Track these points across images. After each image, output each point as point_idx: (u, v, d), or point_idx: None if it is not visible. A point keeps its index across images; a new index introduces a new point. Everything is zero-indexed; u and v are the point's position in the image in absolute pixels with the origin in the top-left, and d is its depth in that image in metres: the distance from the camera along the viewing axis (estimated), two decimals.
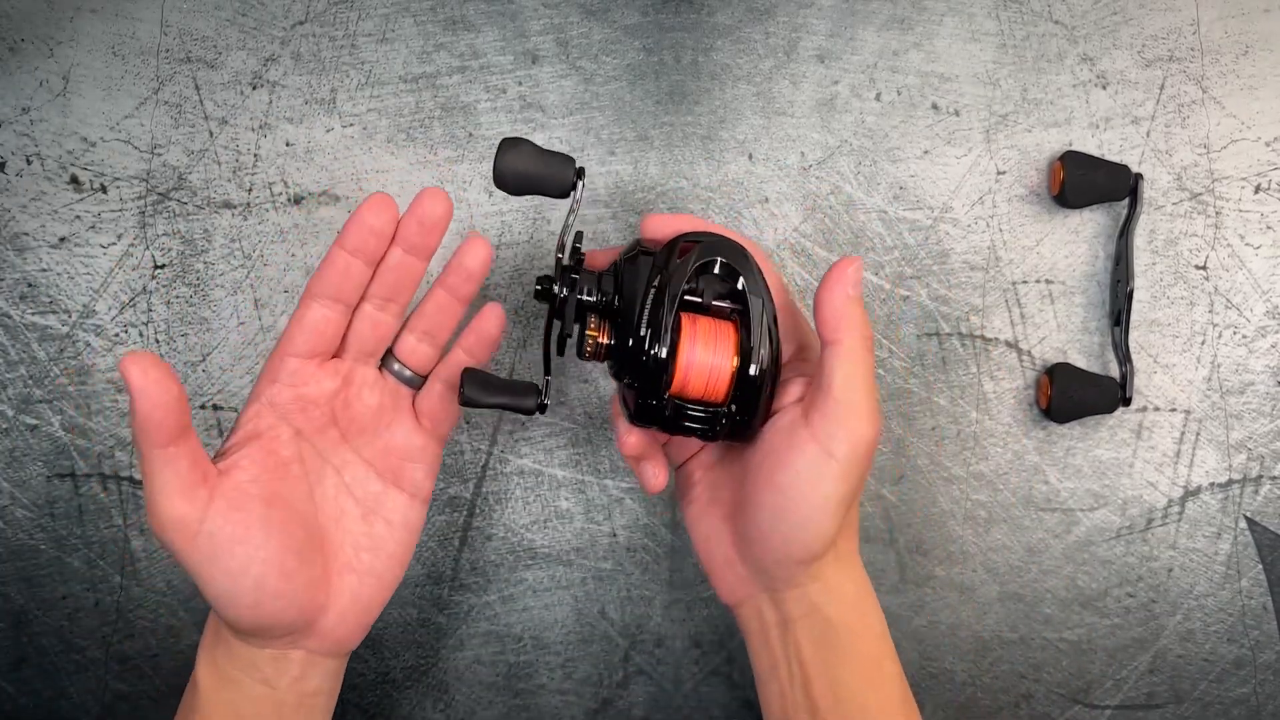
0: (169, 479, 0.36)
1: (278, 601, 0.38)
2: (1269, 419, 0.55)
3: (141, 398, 0.34)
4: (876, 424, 0.38)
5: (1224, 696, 0.56)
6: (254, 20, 0.55)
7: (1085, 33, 0.55)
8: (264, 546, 0.38)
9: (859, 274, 0.39)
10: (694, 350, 0.39)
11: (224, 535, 0.37)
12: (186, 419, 0.36)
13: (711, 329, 0.40)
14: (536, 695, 0.56)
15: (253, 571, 0.37)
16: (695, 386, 0.39)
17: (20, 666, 0.56)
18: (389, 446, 0.43)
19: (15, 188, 0.54)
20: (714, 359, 0.39)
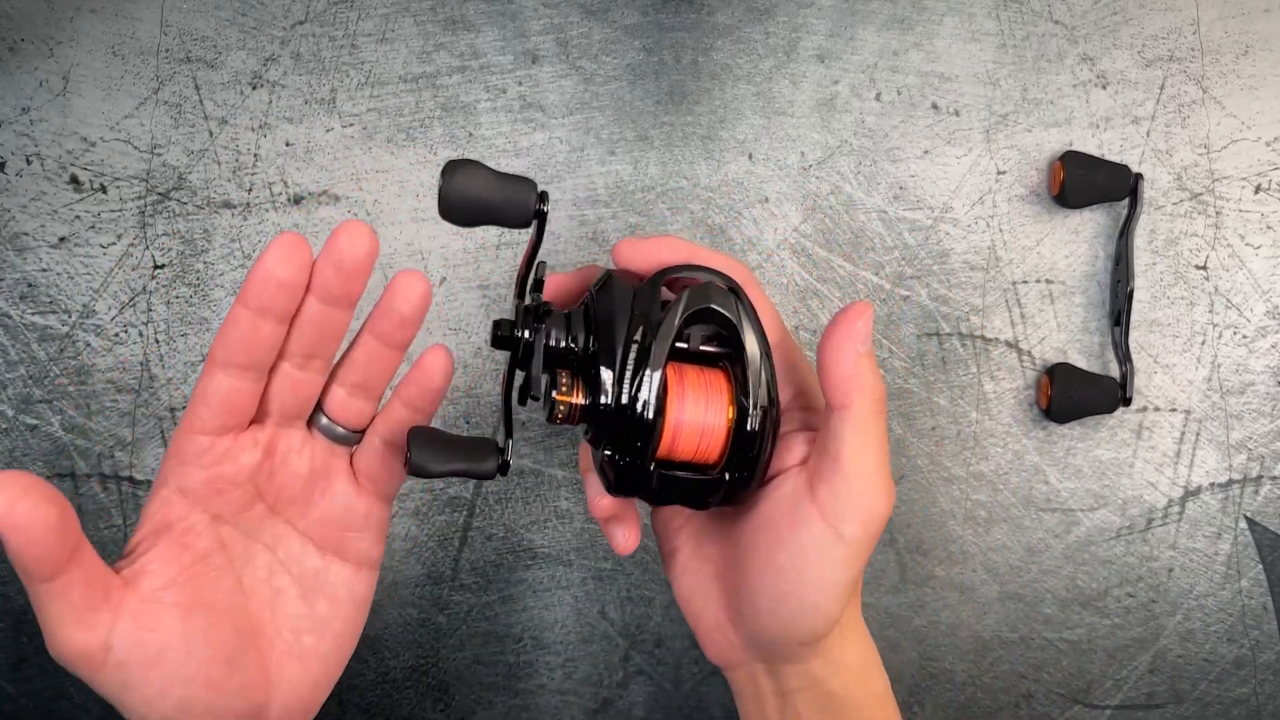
0: (62, 611, 0.31)
1: (209, 718, 0.34)
2: (1269, 419, 0.55)
3: (12, 534, 0.29)
4: (890, 498, 0.34)
5: (1224, 696, 0.56)
6: (254, 20, 0.55)
7: (1085, 33, 0.55)
8: (185, 665, 0.33)
9: (869, 326, 0.35)
10: (684, 408, 0.34)
11: (136, 661, 0.32)
12: (72, 539, 0.30)
13: (701, 381, 0.35)
14: (536, 695, 0.56)
15: (175, 694, 0.33)
16: (685, 448, 0.35)
17: (20, 666, 0.56)
18: (326, 516, 0.37)
19: (15, 188, 0.54)
20: (706, 417, 0.34)
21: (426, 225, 0.55)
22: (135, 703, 0.33)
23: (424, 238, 0.55)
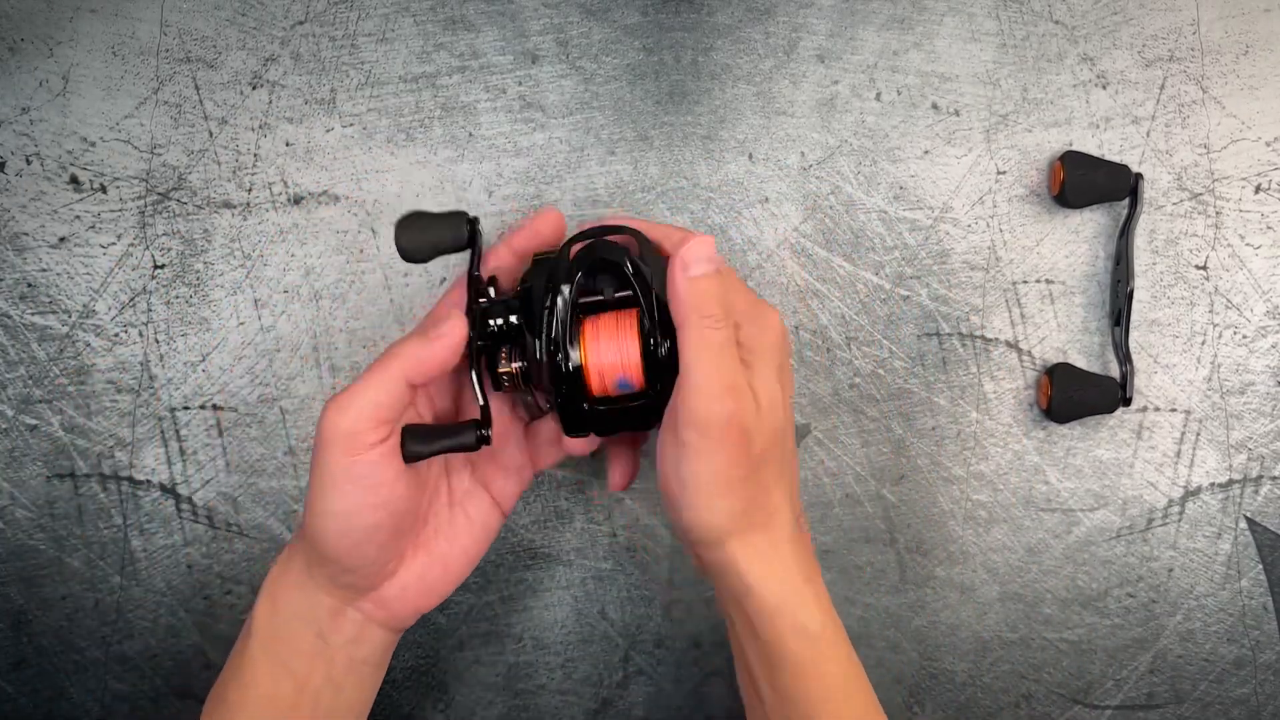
0: (392, 397, 0.38)
1: (374, 551, 0.40)
2: (1269, 419, 0.55)
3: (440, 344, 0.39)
4: (728, 403, 0.37)
5: (1224, 697, 0.56)
6: (254, 20, 0.55)
7: (1085, 33, 0.54)
8: (398, 499, 0.39)
9: (700, 251, 0.39)
10: (600, 351, 0.40)
11: (384, 470, 0.38)
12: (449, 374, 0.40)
13: (613, 324, 0.41)
14: (536, 695, 0.56)
15: (379, 515, 0.39)
16: (614, 384, 0.41)
17: (20, 667, 0.56)
18: (490, 451, 0.44)
19: (15, 188, 0.54)
20: (621, 354, 0.40)
21: None
22: (353, 494, 0.38)
23: None
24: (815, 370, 0.55)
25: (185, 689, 0.56)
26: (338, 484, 0.38)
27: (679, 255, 0.39)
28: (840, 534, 0.56)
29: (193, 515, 0.55)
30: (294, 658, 0.41)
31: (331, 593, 0.41)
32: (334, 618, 0.41)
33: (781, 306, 0.55)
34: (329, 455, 0.37)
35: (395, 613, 0.42)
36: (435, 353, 0.39)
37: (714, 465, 0.38)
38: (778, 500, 0.41)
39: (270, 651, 0.41)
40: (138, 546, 0.55)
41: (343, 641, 0.41)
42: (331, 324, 0.55)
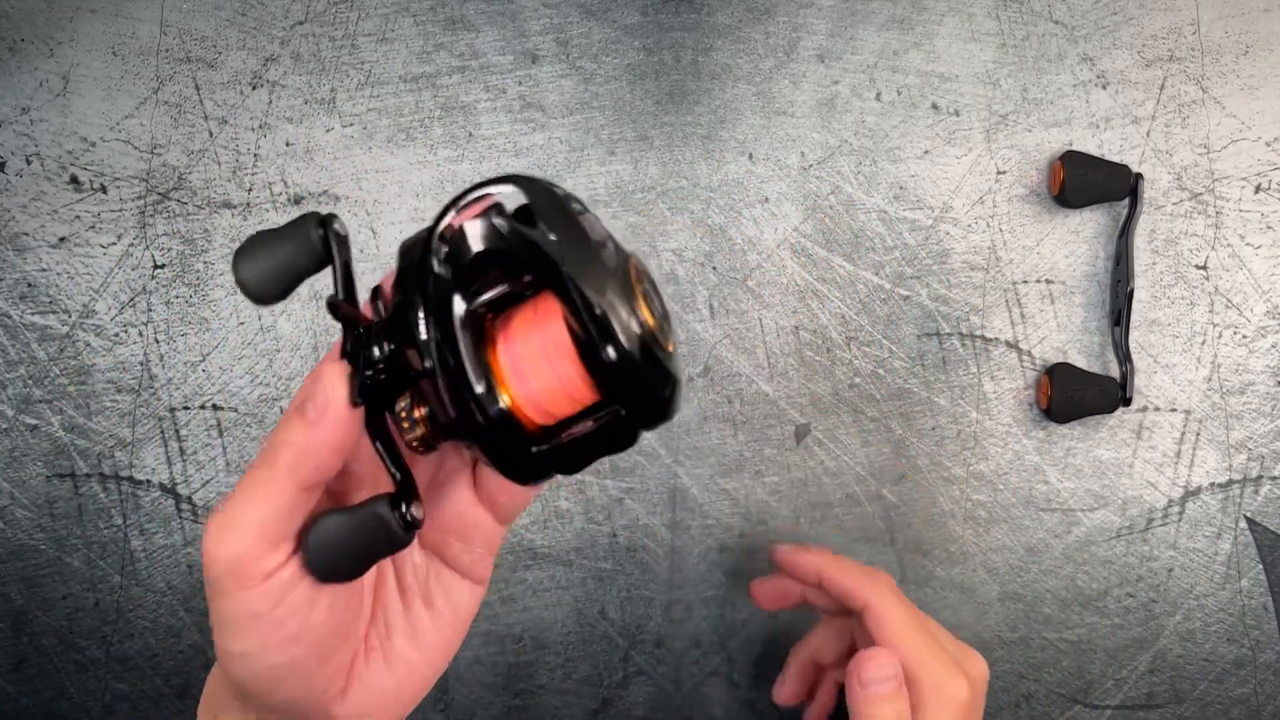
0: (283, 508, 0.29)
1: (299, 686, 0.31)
2: (1269, 419, 0.55)
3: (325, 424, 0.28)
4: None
5: (1224, 697, 0.56)
6: (254, 20, 0.55)
7: (1085, 32, 0.54)
8: (316, 626, 0.30)
9: (884, 671, 0.42)
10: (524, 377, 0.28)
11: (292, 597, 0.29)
12: None
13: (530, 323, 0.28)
14: (536, 695, 0.56)
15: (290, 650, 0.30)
16: (561, 408, 0.28)
17: (20, 666, 0.56)
18: (439, 513, 0.34)
19: (15, 188, 0.54)
20: (554, 367, 0.27)
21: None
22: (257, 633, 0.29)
23: None
24: (815, 370, 0.55)
25: (185, 689, 0.56)
26: (234, 624, 0.29)
27: (857, 668, 0.41)
28: (840, 534, 0.56)
29: (193, 515, 0.55)
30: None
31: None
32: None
33: (781, 307, 0.55)
34: (218, 592, 0.29)
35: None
36: (326, 436, 0.28)
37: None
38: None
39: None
40: (138, 546, 0.55)
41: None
42: (331, 324, 0.55)
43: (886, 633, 0.44)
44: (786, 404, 0.55)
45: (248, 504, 0.29)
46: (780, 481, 0.56)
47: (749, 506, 0.56)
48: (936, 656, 0.43)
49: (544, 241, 0.27)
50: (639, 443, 0.32)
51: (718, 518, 0.56)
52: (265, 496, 0.29)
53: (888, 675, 0.42)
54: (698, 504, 0.56)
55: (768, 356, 0.55)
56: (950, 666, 0.43)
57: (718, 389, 0.55)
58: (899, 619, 0.44)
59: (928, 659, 0.43)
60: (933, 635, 0.44)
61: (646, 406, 0.28)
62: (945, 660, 0.43)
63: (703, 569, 0.56)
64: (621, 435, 0.28)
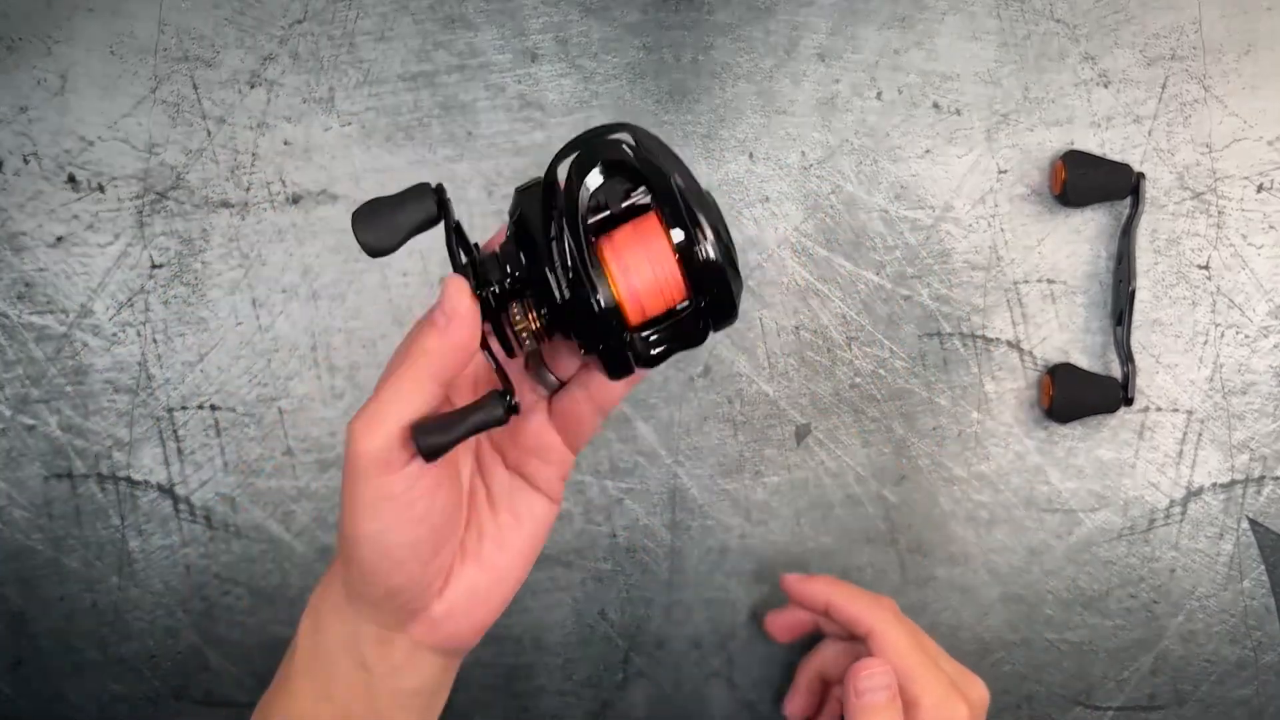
0: (426, 405, 0.34)
1: (416, 569, 0.36)
2: (1271, 419, 0.54)
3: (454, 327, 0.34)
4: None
5: (1226, 698, 0.55)
6: (252, 19, 0.54)
7: (1087, 31, 0.54)
8: (437, 512, 0.36)
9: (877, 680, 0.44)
10: (628, 272, 0.34)
11: (420, 481, 0.34)
12: None
13: (633, 236, 0.34)
14: (536, 696, 0.56)
15: (419, 530, 0.35)
16: (654, 304, 0.34)
17: (18, 667, 0.56)
18: (517, 434, 0.40)
19: (13, 187, 0.54)
20: (655, 268, 0.34)
21: None
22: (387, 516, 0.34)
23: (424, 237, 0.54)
24: (816, 370, 0.55)
25: (183, 690, 0.56)
26: (372, 506, 0.34)
27: (852, 678, 0.43)
28: (841, 534, 0.55)
29: (190, 516, 0.55)
30: (334, 685, 0.38)
31: (375, 619, 0.37)
32: (379, 646, 0.38)
33: (782, 306, 0.55)
34: (361, 478, 0.34)
35: (449, 633, 0.38)
36: (457, 337, 0.34)
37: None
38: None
39: (311, 675, 0.38)
40: (135, 547, 0.55)
41: (388, 670, 0.38)
42: (330, 324, 0.55)
43: (889, 656, 0.45)
44: (787, 404, 0.55)
45: (392, 402, 0.34)
46: (780, 482, 0.55)
47: (749, 506, 0.56)
48: (937, 679, 0.45)
49: (663, 161, 0.34)
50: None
51: (718, 518, 0.56)
52: (409, 393, 0.34)
53: (881, 685, 0.43)
54: (698, 504, 0.56)
55: (768, 356, 0.55)
56: (950, 690, 0.45)
57: (718, 389, 0.55)
58: (901, 643, 0.46)
59: (929, 682, 0.44)
60: (934, 659, 0.46)
61: (726, 301, 0.34)
62: (945, 683, 0.45)
63: (703, 569, 0.56)
64: (695, 332, 0.35)
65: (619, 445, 0.55)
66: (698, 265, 0.33)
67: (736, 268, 0.35)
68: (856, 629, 0.47)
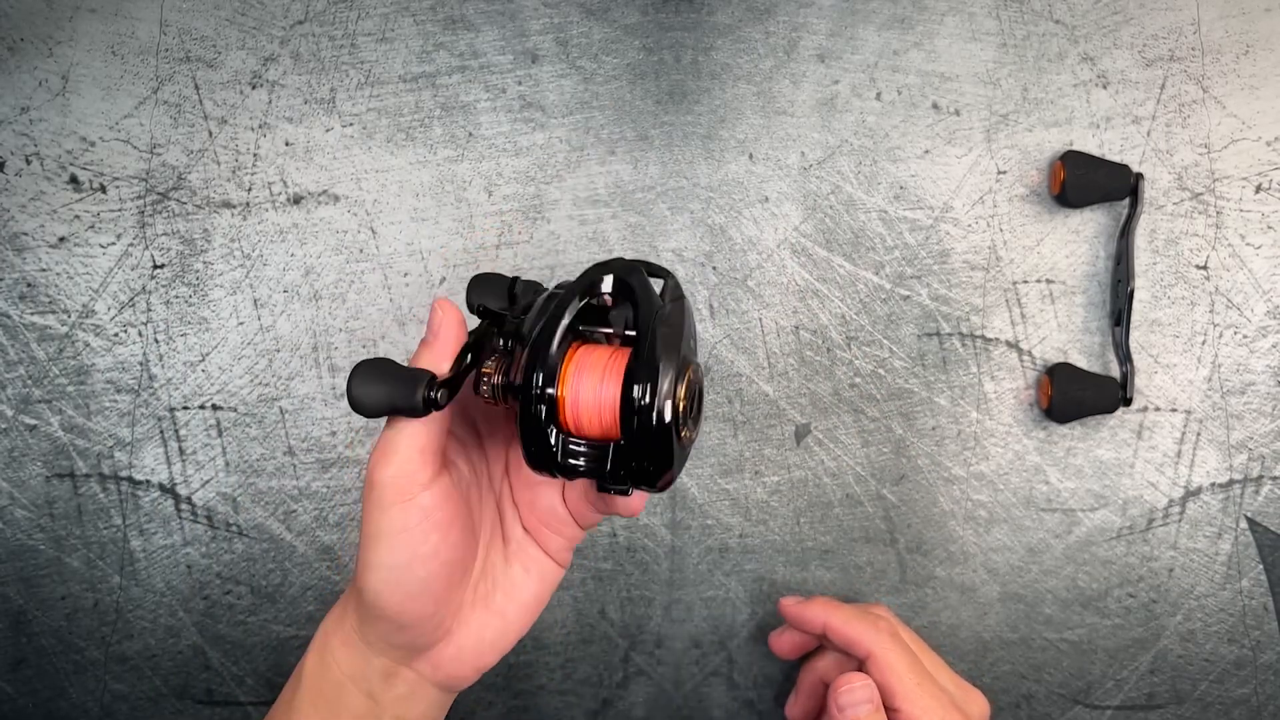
0: (426, 433, 0.36)
1: (429, 605, 0.38)
2: (1270, 419, 0.55)
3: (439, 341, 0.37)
4: None
5: (1225, 697, 0.56)
6: (253, 20, 0.55)
7: (1086, 32, 0.54)
8: (450, 548, 0.37)
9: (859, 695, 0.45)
10: (579, 382, 0.35)
11: (435, 515, 0.37)
12: None
13: (603, 358, 0.36)
14: (536, 696, 0.56)
15: (432, 564, 0.37)
16: (590, 425, 0.35)
17: (19, 667, 0.56)
18: (534, 502, 0.43)
19: (14, 187, 0.54)
20: (600, 390, 0.35)
21: (426, 225, 0.55)
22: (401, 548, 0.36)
23: (424, 237, 0.55)
24: (815, 370, 0.55)
25: (184, 689, 0.56)
26: (389, 536, 0.36)
27: (834, 694, 0.44)
28: (840, 534, 0.56)
29: (192, 515, 0.55)
30: (341, 715, 0.40)
31: (385, 653, 0.39)
32: (386, 678, 0.40)
33: (781, 306, 0.55)
34: (379, 510, 0.36)
35: (452, 673, 0.41)
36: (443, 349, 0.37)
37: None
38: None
39: (317, 704, 0.40)
40: (137, 546, 0.55)
41: (393, 699, 0.40)
42: (331, 324, 0.55)
43: (889, 680, 0.46)
44: (786, 404, 0.55)
45: (402, 429, 0.36)
46: (780, 481, 0.56)
47: (749, 506, 0.56)
48: (937, 699, 0.45)
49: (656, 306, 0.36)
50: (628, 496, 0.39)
51: (718, 518, 0.56)
52: (415, 422, 0.36)
53: (863, 699, 0.45)
54: (698, 504, 0.56)
55: (768, 356, 0.55)
56: (950, 709, 0.45)
57: (718, 389, 0.55)
58: (900, 666, 0.46)
59: (929, 703, 0.45)
60: (933, 678, 0.47)
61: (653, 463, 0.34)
62: (945, 703, 0.46)
63: (703, 569, 0.56)
64: (612, 472, 0.36)
65: None
66: (632, 419, 0.34)
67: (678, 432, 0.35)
68: (855, 651, 0.48)
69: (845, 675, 0.45)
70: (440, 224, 0.55)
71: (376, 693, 0.40)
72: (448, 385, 0.35)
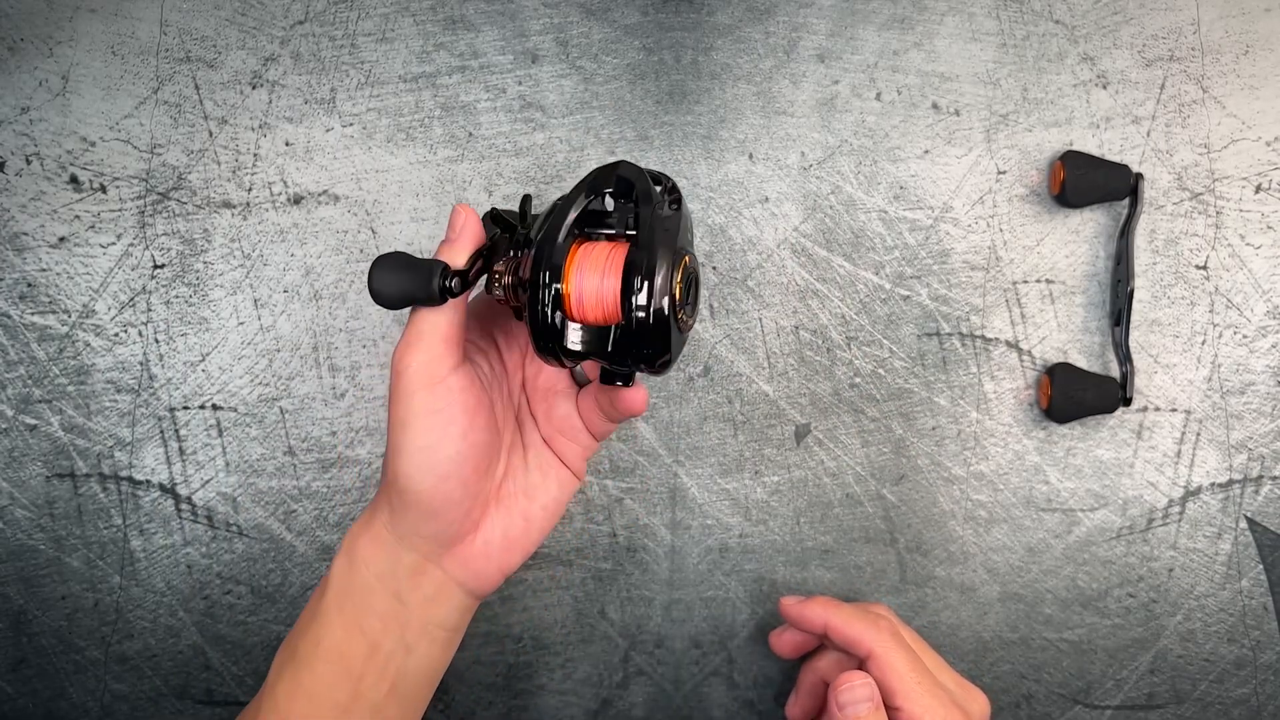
0: (447, 322, 0.38)
1: (458, 489, 0.39)
2: (1269, 419, 0.55)
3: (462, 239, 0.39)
4: None
5: (1224, 697, 0.56)
6: (254, 20, 0.55)
7: (1086, 32, 0.54)
8: (477, 431, 0.39)
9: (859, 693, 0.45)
10: (582, 275, 0.38)
11: (461, 397, 0.39)
12: None
13: (604, 252, 0.38)
14: (536, 695, 0.56)
15: (461, 445, 0.39)
16: (592, 312, 0.38)
17: (19, 667, 0.56)
18: (550, 412, 0.45)
19: (15, 187, 0.54)
20: (602, 282, 0.37)
21: (426, 225, 0.55)
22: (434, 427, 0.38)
23: (424, 238, 0.55)
24: (815, 370, 0.55)
25: (184, 689, 0.56)
26: (419, 418, 0.38)
27: (835, 693, 0.45)
28: (840, 534, 0.56)
29: (192, 515, 0.55)
30: (368, 617, 0.41)
31: (415, 546, 0.41)
32: (414, 576, 0.41)
33: (781, 306, 0.55)
34: (408, 396, 0.38)
35: (477, 571, 0.42)
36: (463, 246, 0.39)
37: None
38: None
39: (344, 610, 0.41)
40: (137, 546, 0.55)
41: (420, 600, 0.41)
42: (331, 324, 0.55)
43: (890, 678, 0.46)
44: (786, 404, 0.55)
45: (424, 320, 0.38)
46: (780, 481, 0.56)
47: (749, 506, 0.56)
48: (938, 698, 0.45)
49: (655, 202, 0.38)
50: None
51: (718, 518, 0.56)
52: (436, 311, 0.38)
53: (864, 697, 0.45)
54: (698, 504, 0.56)
55: (768, 356, 0.55)
56: (951, 708, 0.45)
57: (718, 389, 0.55)
58: (900, 665, 0.46)
59: (930, 701, 0.45)
60: (934, 677, 0.47)
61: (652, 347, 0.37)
62: (946, 701, 0.46)
63: (703, 569, 0.56)
64: (615, 352, 0.38)
65: (619, 445, 0.56)
66: (632, 307, 0.36)
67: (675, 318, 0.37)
68: (856, 650, 0.48)
69: (846, 674, 0.45)
70: (440, 224, 0.55)
71: (404, 592, 0.41)
72: (461, 275, 0.38)
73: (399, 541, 0.41)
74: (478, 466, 0.40)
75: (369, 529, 0.41)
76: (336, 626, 0.40)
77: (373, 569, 0.41)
